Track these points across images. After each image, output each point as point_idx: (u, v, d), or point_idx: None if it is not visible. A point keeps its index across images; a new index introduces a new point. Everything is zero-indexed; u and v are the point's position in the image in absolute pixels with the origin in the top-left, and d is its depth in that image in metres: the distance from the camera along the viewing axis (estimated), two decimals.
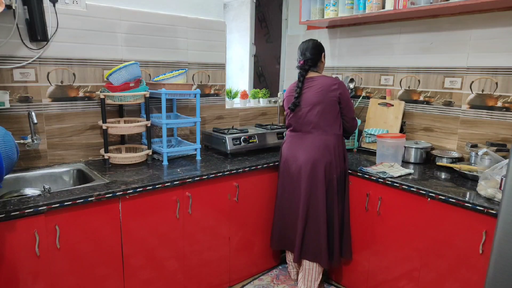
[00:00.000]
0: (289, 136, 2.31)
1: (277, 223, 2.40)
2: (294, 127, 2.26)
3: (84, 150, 2.29)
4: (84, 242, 1.74)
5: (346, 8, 2.65)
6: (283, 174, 2.31)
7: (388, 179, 2.03)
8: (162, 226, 1.99)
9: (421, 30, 2.49)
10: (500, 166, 1.74)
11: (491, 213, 1.62)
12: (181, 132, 2.68)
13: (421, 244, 1.93)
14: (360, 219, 2.23)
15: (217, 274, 2.32)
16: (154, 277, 2.02)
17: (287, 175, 2.28)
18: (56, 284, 1.68)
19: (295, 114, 2.22)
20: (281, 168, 2.32)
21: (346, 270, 2.39)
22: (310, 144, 2.18)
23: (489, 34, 2.17)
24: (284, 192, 2.31)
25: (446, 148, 2.43)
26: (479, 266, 1.70)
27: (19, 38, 1.96)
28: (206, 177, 2.10)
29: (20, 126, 2.04)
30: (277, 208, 2.39)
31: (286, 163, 2.27)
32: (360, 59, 2.89)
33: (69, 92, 2.19)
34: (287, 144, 2.29)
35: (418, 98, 2.56)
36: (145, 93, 2.19)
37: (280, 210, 2.35)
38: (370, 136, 2.65)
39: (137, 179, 1.94)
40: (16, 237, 1.54)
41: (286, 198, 2.30)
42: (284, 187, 2.30)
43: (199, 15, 2.67)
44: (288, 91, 2.31)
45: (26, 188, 1.94)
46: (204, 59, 2.74)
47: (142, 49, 2.42)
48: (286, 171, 2.28)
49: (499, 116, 2.17)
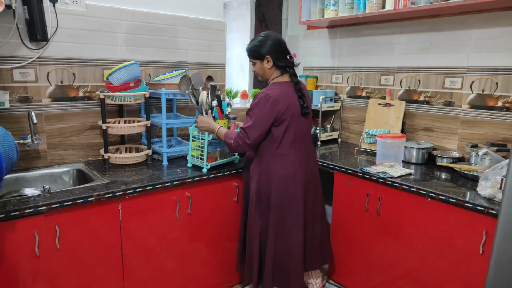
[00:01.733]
0: (291, 153, 1.98)
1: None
2: (297, 141, 1.99)
3: (84, 150, 2.29)
4: (84, 242, 1.74)
5: (346, 8, 2.65)
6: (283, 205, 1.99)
7: (388, 179, 2.03)
8: (161, 226, 1.99)
9: (421, 30, 2.48)
10: (500, 166, 1.74)
11: (491, 213, 1.61)
12: (181, 132, 2.68)
13: (421, 244, 1.93)
14: (360, 219, 2.23)
15: (216, 274, 2.32)
16: (153, 277, 2.02)
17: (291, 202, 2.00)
18: (56, 284, 1.68)
19: (300, 124, 1.98)
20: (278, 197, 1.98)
21: (346, 270, 2.39)
22: (313, 162, 2.12)
23: (489, 34, 2.17)
24: (283, 225, 2.01)
25: (447, 148, 2.43)
26: (479, 266, 1.70)
27: (19, 38, 1.96)
28: (206, 177, 2.10)
29: (20, 126, 2.04)
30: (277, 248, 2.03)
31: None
32: (360, 59, 2.89)
33: (69, 92, 2.19)
34: (291, 163, 1.98)
35: (418, 98, 2.56)
36: (145, 93, 2.19)
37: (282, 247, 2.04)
38: (370, 136, 2.65)
39: (137, 179, 1.93)
40: (16, 237, 1.54)
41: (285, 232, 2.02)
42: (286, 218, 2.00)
43: (199, 15, 2.67)
44: (279, 95, 1.90)
45: (26, 188, 1.94)
46: (204, 59, 2.74)
47: (142, 49, 2.42)
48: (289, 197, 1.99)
49: (499, 116, 2.17)
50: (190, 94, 2.16)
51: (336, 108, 3.03)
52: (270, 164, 1.97)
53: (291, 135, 1.94)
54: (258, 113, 1.88)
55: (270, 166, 1.97)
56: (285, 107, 1.89)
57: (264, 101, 1.86)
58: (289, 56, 1.96)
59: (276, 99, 1.86)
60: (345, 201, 2.31)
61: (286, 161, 1.97)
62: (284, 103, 1.88)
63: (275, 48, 1.93)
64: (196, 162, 2.17)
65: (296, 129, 1.96)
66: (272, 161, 1.97)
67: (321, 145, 2.91)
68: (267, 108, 1.86)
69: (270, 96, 1.86)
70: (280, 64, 1.95)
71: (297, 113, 1.95)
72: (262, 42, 1.94)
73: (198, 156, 2.16)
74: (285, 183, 1.97)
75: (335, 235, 2.40)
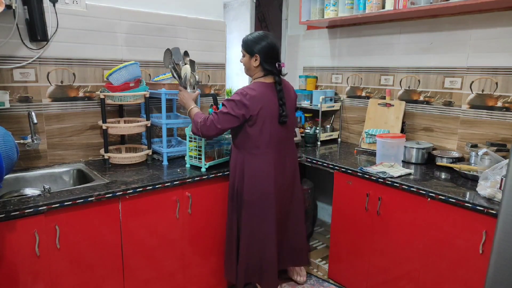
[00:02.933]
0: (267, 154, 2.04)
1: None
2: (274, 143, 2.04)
3: (84, 150, 2.29)
4: (84, 242, 1.74)
5: (346, 8, 2.65)
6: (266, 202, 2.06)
7: (388, 179, 2.03)
8: (162, 226, 1.99)
9: (421, 30, 2.49)
10: (500, 166, 1.74)
11: (491, 213, 1.61)
12: (181, 132, 2.68)
13: (421, 244, 1.93)
14: (360, 219, 2.23)
15: (217, 274, 2.32)
16: (154, 277, 2.02)
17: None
18: (56, 284, 1.68)
19: (276, 129, 2.03)
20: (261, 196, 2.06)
21: (346, 270, 2.39)
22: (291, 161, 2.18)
23: (489, 34, 2.17)
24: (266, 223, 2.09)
25: (446, 148, 2.43)
26: (479, 266, 1.70)
27: (19, 38, 1.96)
28: (206, 177, 2.10)
29: (20, 126, 2.04)
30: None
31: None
32: (360, 59, 2.89)
33: (69, 92, 2.19)
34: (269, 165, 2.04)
35: (418, 98, 2.56)
36: (145, 93, 2.19)
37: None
38: (370, 136, 2.65)
39: (137, 179, 1.94)
40: (16, 237, 1.54)
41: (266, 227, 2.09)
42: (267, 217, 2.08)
43: (199, 15, 2.67)
44: (256, 95, 1.93)
45: (26, 188, 1.94)
46: (204, 59, 2.74)
47: (142, 49, 2.42)
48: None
49: (499, 116, 2.17)
50: (172, 69, 2.15)
51: (336, 108, 3.03)
52: (245, 161, 2.05)
53: (266, 137, 2.00)
54: (232, 106, 1.93)
55: (245, 164, 2.05)
56: (259, 108, 1.94)
57: (240, 97, 1.93)
58: (278, 63, 1.99)
59: (251, 98, 1.92)
60: (345, 201, 2.31)
61: (260, 161, 2.03)
62: (258, 104, 1.93)
63: (267, 50, 1.97)
64: (194, 162, 2.18)
65: (272, 133, 2.01)
66: (248, 159, 2.04)
67: (321, 145, 2.91)
68: (241, 103, 1.92)
69: (247, 93, 1.92)
70: (266, 67, 2.00)
71: (273, 117, 2.00)
72: (257, 40, 1.99)
73: (196, 156, 2.17)
74: (257, 181, 2.04)
75: (335, 235, 2.40)
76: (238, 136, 2.05)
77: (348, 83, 3.02)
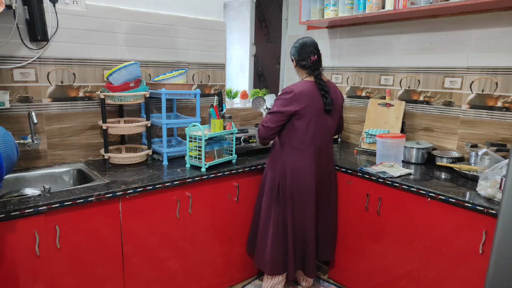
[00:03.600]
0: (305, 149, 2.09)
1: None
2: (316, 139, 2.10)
3: (84, 150, 2.29)
4: (84, 242, 1.74)
5: (346, 8, 2.65)
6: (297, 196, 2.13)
7: (388, 179, 2.03)
8: (162, 226, 1.99)
9: (421, 30, 2.49)
10: (500, 166, 1.74)
11: (491, 213, 1.62)
12: (181, 132, 2.68)
13: (421, 244, 1.93)
14: (360, 219, 2.23)
15: (217, 274, 2.32)
16: (154, 277, 2.02)
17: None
18: (56, 284, 1.68)
19: (321, 122, 2.08)
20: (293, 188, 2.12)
21: (346, 270, 2.39)
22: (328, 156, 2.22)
23: (489, 34, 2.17)
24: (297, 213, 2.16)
25: (446, 148, 2.43)
26: (479, 266, 1.70)
27: (19, 38, 1.96)
28: (206, 177, 2.10)
29: (20, 126, 2.04)
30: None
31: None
32: (360, 59, 2.89)
33: (69, 92, 2.19)
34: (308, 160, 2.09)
35: (418, 98, 2.56)
36: (145, 93, 2.19)
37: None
38: (370, 136, 2.65)
39: (137, 179, 1.94)
40: (16, 237, 1.54)
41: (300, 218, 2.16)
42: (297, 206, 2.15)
43: (199, 15, 2.67)
44: (301, 91, 2.01)
45: (26, 188, 1.94)
46: (204, 59, 2.74)
47: (142, 49, 2.42)
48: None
49: (499, 116, 2.17)
50: (263, 111, 2.50)
51: None
52: (287, 155, 2.11)
53: (310, 132, 2.07)
54: (280, 104, 2.04)
55: (287, 158, 2.11)
56: (305, 103, 2.01)
57: (285, 94, 2.03)
58: (309, 58, 2.07)
59: (296, 93, 2.00)
60: (345, 201, 2.31)
61: (302, 155, 2.09)
62: (304, 100, 2.01)
63: (297, 51, 2.11)
64: (194, 162, 2.18)
65: (316, 127, 2.07)
66: (290, 153, 2.10)
67: None
68: (287, 100, 2.01)
69: (293, 90, 2.02)
70: (302, 65, 2.11)
71: (318, 111, 2.06)
72: (293, 44, 2.15)
73: (196, 156, 2.17)
74: (299, 175, 2.10)
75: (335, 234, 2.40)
76: (286, 131, 2.10)
77: (348, 83, 3.02)
